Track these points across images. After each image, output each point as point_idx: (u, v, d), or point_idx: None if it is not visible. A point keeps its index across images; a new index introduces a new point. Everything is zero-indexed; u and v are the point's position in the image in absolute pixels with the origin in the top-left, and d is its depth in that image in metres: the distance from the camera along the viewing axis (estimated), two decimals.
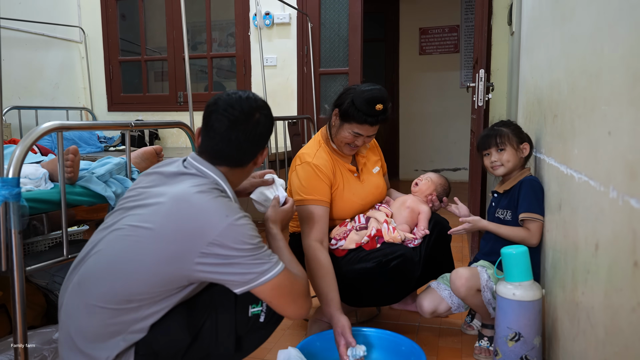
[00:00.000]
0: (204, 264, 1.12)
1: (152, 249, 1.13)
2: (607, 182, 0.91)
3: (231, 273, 1.14)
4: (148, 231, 1.14)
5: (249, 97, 1.28)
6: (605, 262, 0.93)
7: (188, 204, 1.15)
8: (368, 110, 1.70)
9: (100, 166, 1.78)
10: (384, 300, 1.87)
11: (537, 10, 1.87)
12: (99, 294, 1.14)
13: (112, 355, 1.14)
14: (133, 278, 1.13)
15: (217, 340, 1.24)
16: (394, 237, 1.76)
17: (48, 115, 3.93)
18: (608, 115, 0.91)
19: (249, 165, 1.33)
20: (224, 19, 4.18)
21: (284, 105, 3.91)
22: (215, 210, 1.15)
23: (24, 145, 1.28)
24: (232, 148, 1.26)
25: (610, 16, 0.91)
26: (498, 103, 3.33)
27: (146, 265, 1.13)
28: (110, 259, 1.16)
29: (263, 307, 1.28)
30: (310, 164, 1.79)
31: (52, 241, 1.80)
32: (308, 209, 1.75)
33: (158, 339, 1.17)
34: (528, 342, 1.47)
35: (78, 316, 1.16)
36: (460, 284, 1.68)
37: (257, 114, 1.27)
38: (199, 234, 1.12)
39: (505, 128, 1.76)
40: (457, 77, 5.93)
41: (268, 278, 1.16)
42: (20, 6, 3.74)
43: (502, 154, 1.73)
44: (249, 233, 1.16)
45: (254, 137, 1.27)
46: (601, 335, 0.94)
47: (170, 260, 1.12)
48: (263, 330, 1.32)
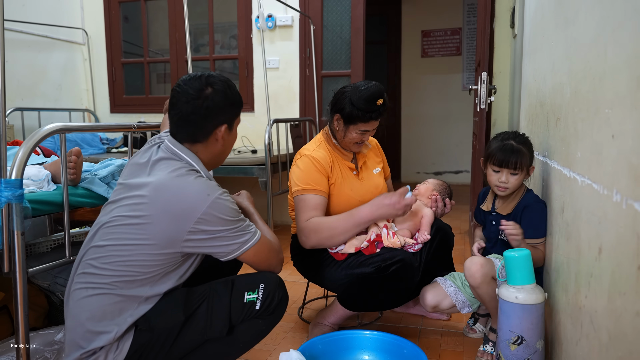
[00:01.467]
0: (192, 240, 1.25)
1: (144, 235, 1.23)
2: (610, 186, 0.91)
3: (217, 246, 1.28)
4: (138, 219, 1.24)
5: (203, 75, 1.36)
6: (608, 266, 0.93)
7: (170, 190, 1.25)
8: (370, 107, 1.74)
9: (102, 168, 1.78)
10: (383, 305, 1.87)
11: (540, 13, 1.86)
12: (103, 279, 1.24)
13: (120, 331, 1.24)
14: (132, 262, 1.24)
15: (211, 322, 1.32)
16: (393, 242, 1.75)
17: (51, 117, 3.94)
18: (611, 118, 0.91)
19: (209, 139, 1.37)
20: (227, 21, 4.18)
21: (286, 107, 3.91)
22: (196, 191, 1.26)
23: (27, 147, 1.29)
24: (189, 124, 1.34)
25: (614, 20, 0.91)
26: (500, 106, 3.33)
27: (142, 249, 1.24)
28: (108, 248, 1.26)
29: (259, 295, 1.36)
30: (309, 156, 1.82)
31: (54, 242, 1.81)
32: (306, 197, 1.77)
33: (155, 315, 1.28)
34: (531, 346, 1.46)
35: (87, 303, 1.24)
36: (475, 270, 1.64)
37: (208, 88, 1.33)
38: (186, 215, 1.23)
39: (524, 148, 1.66)
40: (459, 79, 5.93)
41: (249, 246, 1.33)
42: (24, 8, 3.75)
43: (513, 177, 1.66)
44: (230, 207, 1.29)
45: (203, 111, 1.32)
46: (605, 340, 0.94)
47: (163, 243, 1.24)
48: (260, 321, 1.38)
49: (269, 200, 2.89)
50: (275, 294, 1.39)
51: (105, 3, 4.29)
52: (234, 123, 1.41)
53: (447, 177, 6.05)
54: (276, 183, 3.10)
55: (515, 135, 1.71)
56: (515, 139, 1.69)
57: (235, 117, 1.41)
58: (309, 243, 1.75)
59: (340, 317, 1.89)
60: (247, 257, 1.35)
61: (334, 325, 1.92)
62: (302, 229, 1.75)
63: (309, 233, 1.74)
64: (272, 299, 1.37)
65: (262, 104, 3.90)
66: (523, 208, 1.68)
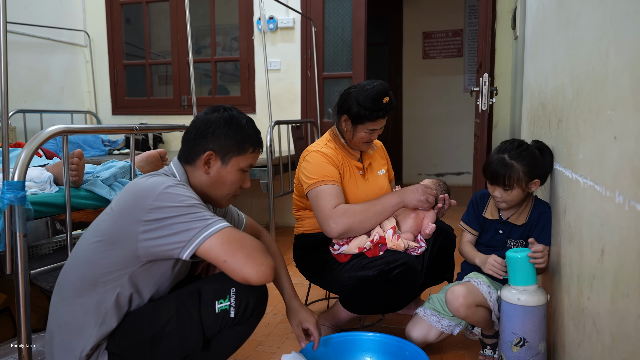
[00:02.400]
0: (147, 231, 1.15)
1: (103, 231, 1.21)
2: (613, 187, 0.91)
3: (172, 234, 1.14)
4: (102, 218, 1.24)
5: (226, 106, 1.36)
6: (611, 268, 0.93)
7: (131, 186, 1.24)
8: (377, 106, 1.76)
9: (104, 170, 1.78)
10: (386, 308, 1.86)
11: (542, 15, 1.86)
12: (70, 285, 1.23)
13: (87, 349, 1.20)
14: (92, 262, 1.20)
15: (183, 340, 1.22)
16: (397, 244, 1.74)
17: (53, 119, 3.95)
18: (614, 120, 0.91)
19: (196, 163, 1.32)
20: (228, 23, 4.19)
21: (287, 109, 3.92)
22: (152, 183, 1.21)
23: (30, 149, 1.29)
24: (184, 141, 1.35)
25: (616, 21, 0.91)
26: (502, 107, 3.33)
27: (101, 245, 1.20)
28: (76, 252, 1.26)
29: (231, 302, 1.24)
30: (318, 151, 1.84)
31: (56, 244, 1.81)
32: (324, 187, 1.76)
33: (122, 335, 1.23)
34: (533, 348, 1.46)
35: (57, 311, 1.24)
36: (458, 304, 1.57)
37: (213, 114, 1.33)
38: (139, 205, 1.17)
39: (518, 164, 1.53)
40: (460, 81, 5.93)
41: (211, 232, 1.15)
42: (26, 10, 3.76)
43: (508, 193, 1.56)
44: (184, 194, 1.19)
45: (195, 131, 1.32)
46: (607, 342, 0.94)
47: (119, 236, 1.18)
48: (239, 327, 1.29)
49: (271, 202, 2.89)
50: (250, 297, 1.26)
51: (107, 5, 4.30)
52: (229, 158, 1.32)
53: (449, 179, 6.05)
54: (278, 185, 3.11)
55: (513, 147, 1.57)
56: (510, 152, 1.55)
57: (229, 152, 1.31)
58: (338, 229, 1.71)
59: (342, 319, 1.89)
60: (214, 247, 1.14)
61: (335, 327, 1.92)
62: (330, 215, 1.71)
63: (338, 218, 1.70)
64: (247, 302, 1.26)
65: (263, 105, 3.90)
66: (539, 215, 1.59)
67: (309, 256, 1.90)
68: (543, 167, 1.56)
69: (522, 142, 1.60)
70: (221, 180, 1.34)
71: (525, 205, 1.64)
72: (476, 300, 1.60)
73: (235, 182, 1.35)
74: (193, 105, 2.39)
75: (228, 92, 4.28)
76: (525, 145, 1.58)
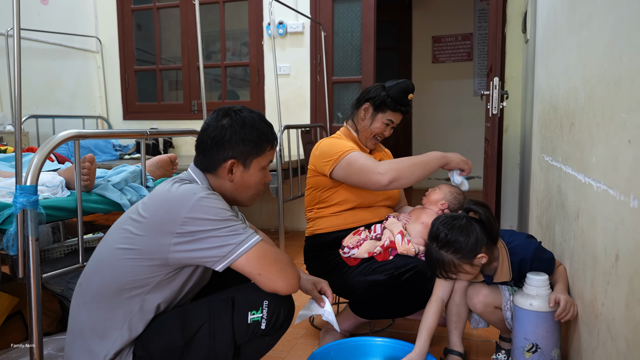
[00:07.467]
0: (181, 244, 1.15)
1: (131, 239, 1.19)
2: (627, 191, 0.90)
3: (208, 248, 1.15)
4: (129, 224, 1.21)
5: (233, 107, 1.34)
6: (626, 273, 0.91)
7: (160, 195, 1.22)
8: (402, 99, 1.87)
9: (116, 174, 1.79)
10: (396, 313, 1.84)
11: (553, 18, 1.85)
12: (93, 290, 1.21)
13: (110, 353, 1.19)
14: (117, 268, 1.19)
15: (214, 348, 1.23)
16: (407, 248, 1.73)
17: (64, 124, 3.99)
18: (628, 123, 0.90)
19: (218, 172, 1.32)
20: (238, 28, 4.21)
21: (297, 113, 3.93)
22: (183, 192, 1.19)
23: (42, 154, 1.30)
24: (199, 151, 1.34)
25: (629, 23, 0.90)
26: (512, 111, 3.30)
27: (128, 253, 1.18)
28: (99, 255, 1.25)
29: (263, 314, 1.26)
30: (333, 137, 1.94)
31: (67, 248, 1.82)
32: (353, 154, 1.78)
33: (152, 340, 1.22)
34: (546, 354, 1.44)
35: (79, 315, 1.23)
36: (477, 300, 1.61)
37: (224, 119, 1.31)
38: (172, 216, 1.16)
39: (448, 253, 1.44)
40: (470, 85, 5.90)
41: (247, 247, 1.17)
42: (39, 17, 3.81)
43: (460, 276, 1.50)
44: (218, 207, 1.18)
45: (210, 141, 1.30)
46: (622, 348, 0.92)
47: (149, 247, 1.17)
48: (267, 338, 1.31)
49: (280, 207, 2.89)
50: (281, 310, 1.28)
51: (118, 11, 4.35)
52: (250, 161, 1.32)
53: None
54: (287, 189, 3.11)
55: (440, 232, 1.46)
56: (438, 242, 1.46)
57: (250, 155, 1.31)
58: (388, 176, 1.68)
59: (352, 324, 1.88)
60: (249, 262, 1.17)
61: (345, 332, 1.91)
62: (375, 166, 1.70)
63: (386, 166, 1.70)
64: (278, 316, 1.28)
65: (273, 110, 3.91)
66: (518, 264, 1.50)
67: (318, 258, 1.89)
68: (477, 241, 1.43)
69: (449, 221, 1.47)
70: (246, 184, 1.35)
71: (500, 260, 1.52)
72: (495, 302, 1.61)
73: (259, 182, 1.38)
74: (203, 110, 2.40)
75: (238, 97, 4.29)
76: (453, 223, 1.46)
